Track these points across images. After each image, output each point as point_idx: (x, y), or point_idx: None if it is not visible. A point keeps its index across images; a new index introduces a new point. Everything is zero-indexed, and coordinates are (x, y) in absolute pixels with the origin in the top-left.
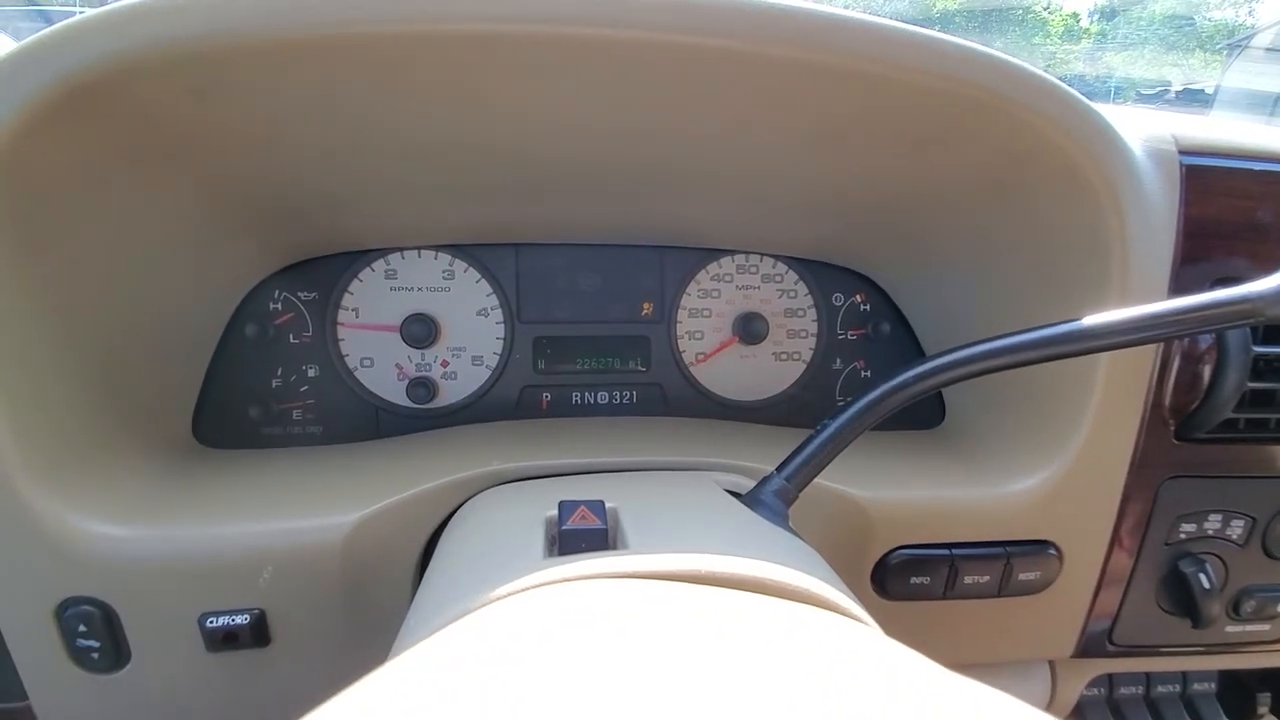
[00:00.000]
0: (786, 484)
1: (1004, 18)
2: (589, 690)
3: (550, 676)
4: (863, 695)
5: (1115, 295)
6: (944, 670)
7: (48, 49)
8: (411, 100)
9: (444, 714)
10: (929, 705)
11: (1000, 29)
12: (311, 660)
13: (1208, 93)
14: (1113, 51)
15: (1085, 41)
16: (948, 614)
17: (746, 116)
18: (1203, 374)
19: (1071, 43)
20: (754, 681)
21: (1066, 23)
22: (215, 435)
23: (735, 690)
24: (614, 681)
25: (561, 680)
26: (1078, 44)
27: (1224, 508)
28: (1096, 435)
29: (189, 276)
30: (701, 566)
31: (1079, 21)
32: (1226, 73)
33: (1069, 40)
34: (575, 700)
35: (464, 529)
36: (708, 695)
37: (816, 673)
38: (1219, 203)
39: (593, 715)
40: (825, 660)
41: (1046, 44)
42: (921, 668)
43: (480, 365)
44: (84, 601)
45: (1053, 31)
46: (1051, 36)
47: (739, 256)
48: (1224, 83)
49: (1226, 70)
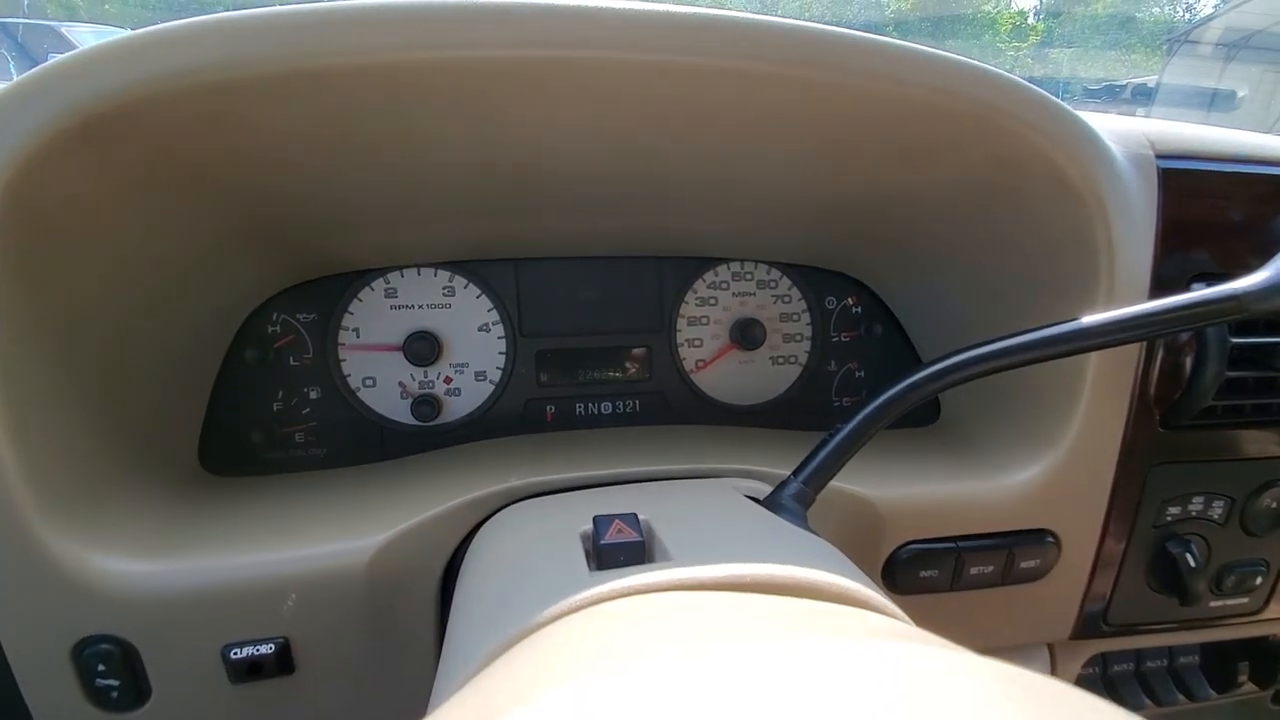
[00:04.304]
0: (804, 487)
1: (955, 18)
2: (685, 700)
3: (642, 691)
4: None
5: (1103, 295)
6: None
7: (62, 78)
8: (422, 125)
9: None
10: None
11: (951, 28)
12: (337, 686)
13: (1149, 87)
14: (1058, 48)
15: (1033, 38)
16: (953, 604)
17: (745, 132)
18: (1184, 365)
19: (1019, 40)
20: (850, 681)
21: (1014, 20)
22: (220, 462)
23: (836, 688)
24: (709, 690)
25: (656, 694)
26: (1025, 41)
27: (1206, 490)
28: (1088, 427)
29: (192, 304)
30: (750, 573)
31: (1026, 19)
32: (1166, 69)
33: (1017, 39)
34: (680, 711)
35: (494, 547)
36: (810, 694)
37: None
38: (1194, 203)
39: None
40: (906, 659)
41: (995, 41)
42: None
43: (484, 380)
44: (102, 640)
45: (1001, 30)
46: (1000, 34)
47: (734, 264)
48: (1164, 79)
49: (1166, 67)
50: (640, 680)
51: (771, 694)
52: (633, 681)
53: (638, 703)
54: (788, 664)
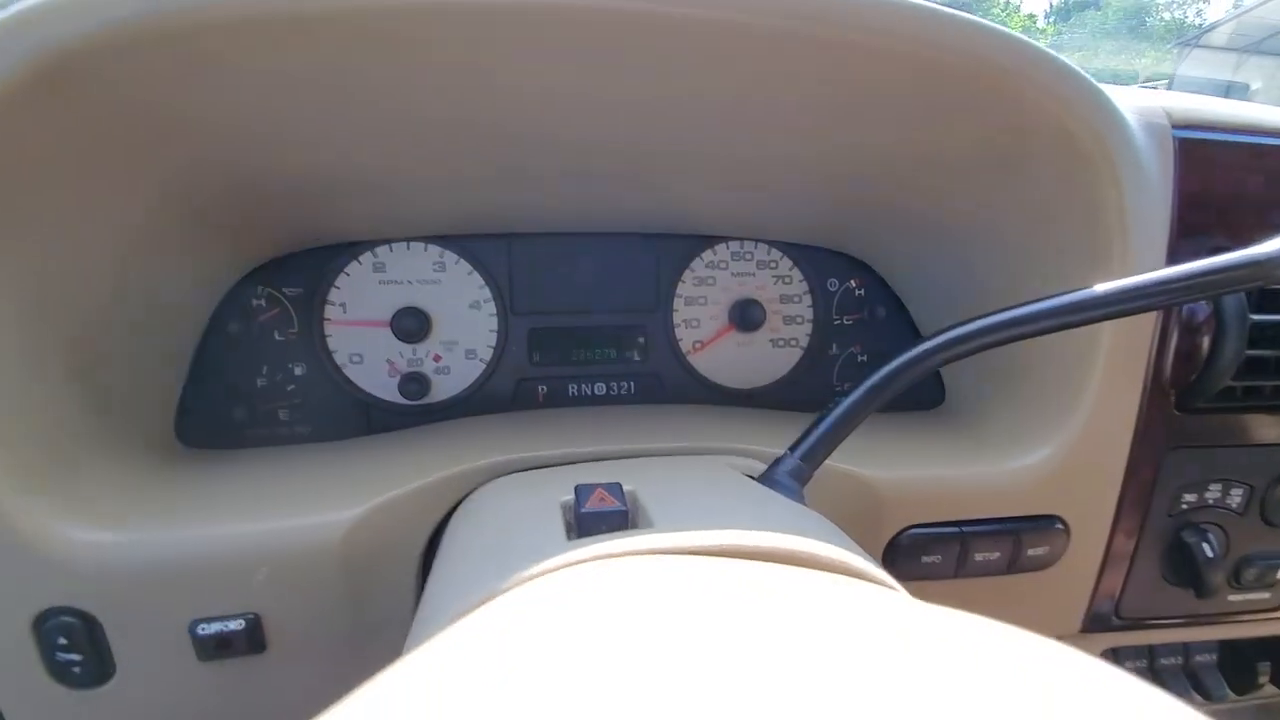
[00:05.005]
0: (801, 463)
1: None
2: (647, 666)
3: (603, 655)
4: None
5: (1116, 269)
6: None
7: (24, 22)
8: (410, 78)
9: (497, 699)
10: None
11: None
12: (310, 666)
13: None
14: (1069, 51)
15: (1043, 41)
16: (957, 594)
17: (748, 91)
18: (1201, 344)
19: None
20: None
21: (1024, 23)
22: (199, 437)
23: (805, 658)
24: (674, 657)
25: (616, 657)
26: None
27: (1223, 476)
28: (1100, 408)
29: (168, 270)
30: (735, 541)
31: (1035, 23)
32: (1179, 67)
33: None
34: (636, 676)
35: (473, 518)
36: (775, 663)
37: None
38: (1212, 175)
39: (658, 693)
40: (891, 627)
41: None
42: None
43: (474, 359)
44: (64, 612)
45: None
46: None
47: (733, 244)
48: (1179, 73)
49: (1178, 68)
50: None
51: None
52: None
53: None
54: (766, 634)
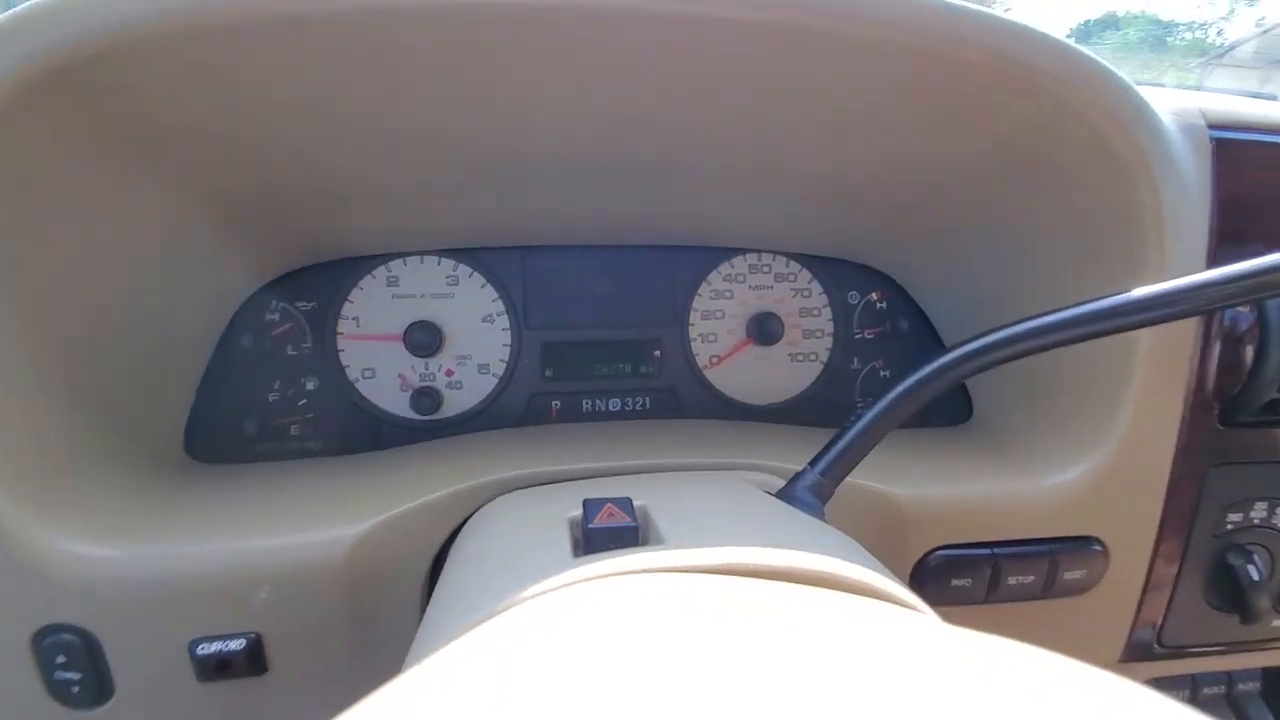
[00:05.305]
0: (822, 479)
1: None
2: (646, 692)
3: (601, 677)
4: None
5: (1152, 278)
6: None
7: (29, 22)
8: (420, 84)
9: (491, 713)
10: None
11: None
12: (312, 688)
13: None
14: None
15: None
16: (988, 619)
17: (767, 94)
18: (1245, 354)
19: None
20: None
21: None
22: (208, 451)
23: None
24: (676, 684)
25: (615, 681)
26: None
27: (1270, 495)
28: (1139, 423)
29: (179, 284)
30: (751, 559)
31: None
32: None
33: None
34: (634, 701)
35: (479, 535)
36: (791, 689)
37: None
38: (1252, 177)
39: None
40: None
41: None
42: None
43: (487, 373)
44: (64, 629)
45: None
46: None
47: (751, 256)
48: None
49: (1204, 83)
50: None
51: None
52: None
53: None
54: (738, 654)
